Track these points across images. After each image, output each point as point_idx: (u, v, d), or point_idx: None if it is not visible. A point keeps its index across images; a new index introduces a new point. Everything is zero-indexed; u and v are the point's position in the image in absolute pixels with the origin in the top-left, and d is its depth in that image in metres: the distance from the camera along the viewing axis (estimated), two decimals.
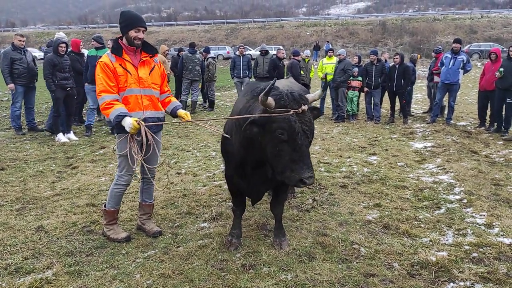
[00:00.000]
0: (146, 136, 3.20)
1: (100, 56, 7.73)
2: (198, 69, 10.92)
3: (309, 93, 3.11)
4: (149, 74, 3.44)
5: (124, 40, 3.34)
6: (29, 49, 8.48)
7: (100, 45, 8.03)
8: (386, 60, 9.94)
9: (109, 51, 3.37)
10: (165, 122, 3.63)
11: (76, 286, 2.90)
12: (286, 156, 2.77)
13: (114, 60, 3.28)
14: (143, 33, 3.33)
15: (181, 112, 3.56)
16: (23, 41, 7.94)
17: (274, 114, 2.76)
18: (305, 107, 2.83)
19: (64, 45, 7.38)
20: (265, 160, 2.99)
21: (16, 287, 2.86)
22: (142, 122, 3.21)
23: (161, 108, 3.60)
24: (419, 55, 10.69)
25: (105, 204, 3.62)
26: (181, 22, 62.42)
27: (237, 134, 3.15)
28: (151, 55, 3.47)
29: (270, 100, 2.76)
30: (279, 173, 2.84)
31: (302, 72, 10.29)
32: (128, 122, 3.14)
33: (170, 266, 3.19)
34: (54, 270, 3.09)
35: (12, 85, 7.73)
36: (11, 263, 3.19)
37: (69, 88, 7.42)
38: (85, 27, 60.70)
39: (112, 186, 3.53)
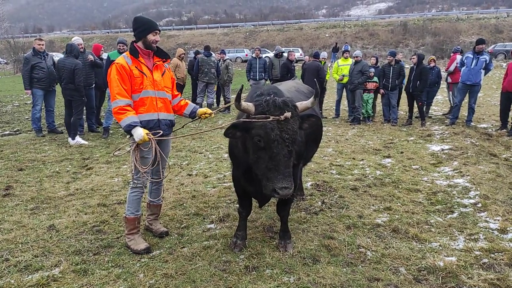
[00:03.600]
0: (156, 153, 3.28)
1: None
2: (214, 71, 11.02)
3: (314, 94, 3.04)
4: (162, 77, 3.53)
5: (140, 44, 3.41)
6: (54, 53, 8.75)
7: (125, 49, 8.22)
8: (399, 61, 9.76)
9: (125, 53, 3.45)
10: (172, 137, 3.71)
11: (81, 284, 2.97)
12: (263, 164, 2.75)
13: (131, 62, 3.36)
14: (159, 35, 3.46)
15: (201, 110, 3.65)
16: (43, 45, 8.19)
17: (253, 120, 2.73)
18: (287, 114, 2.73)
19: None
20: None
21: (24, 284, 2.94)
22: (153, 137, 3.27)
23: (172, 111, 3.66)
24: (430, 57, 10.39)
25: (125, 212, 3.59)
26: (200, 25, 63.06)
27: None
28: (164, 60, 3.56)
29: (250, 105, 2.77)
30: (259, 180, 2.84)
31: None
32: (139, 133, 3.20)
33: (174, 266, 3.22)
34: (61, 268, 3.17)
35: (29, 91, 8.02)
36: (21, 261, 3.28)
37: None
38: (108, 32, 62.15)
39: (129, 191, 3.55)
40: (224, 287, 2.95)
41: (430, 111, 10.75)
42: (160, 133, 3.36)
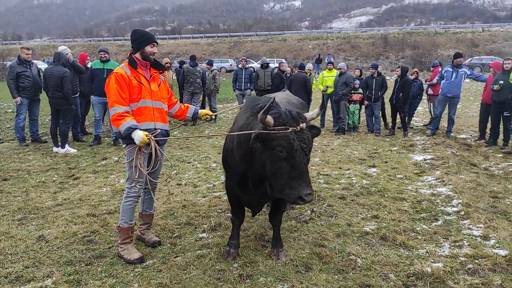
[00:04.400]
0: (156, 152, 3.33)
1: (107, 69, 7.91)
2: (199, 81, 11.06)
3: (307, 105, 3.17)
4: (158, 88, 3.60)
5: (138, 55, 3.48)
6: (34, 61, 8.63)
7: (107, 58, 8.18)
8: (380, 73, 10.10)
9: (123, 64, 3.50)
10: (171, 137, 3.74)
11: None
12: (285, 174, 2.79)
13: (129, 72, 3.41)
14: (156, 47, 3.53)
15: (202, 111, 3.81)
16: (29, 54, 8.11)
17: (273, 131, 2.80)
18: (303, 125, 2.86)
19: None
20: (264, 177, 3.01)
21: None
22: (153, 137, 3.32)
23: (167, 121, 3.72)
24: (415, 70, 10.79)
25: (119, 221, 3.59)
26: (185, 35, 63.21)
27: (238, 149, 3.22)
28: (160, 71, 3.64)
29: (269, 118, 2.82)
30: (278, 191, 2.86)
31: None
32: (138, 135, 3.25)
33: (168, 275, 3.23)
34: (54, 279, 3.14)
35: (18, 99, 7.90)
36: (12, 272, 3.24)
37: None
38: (90, 40, 61.55)
39: (123, 200, 3.56)
40: None
41: (411, 121, 11.06)
42: (158, 132, 3.45)
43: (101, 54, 8.17)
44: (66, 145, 7.67)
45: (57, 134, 7.62)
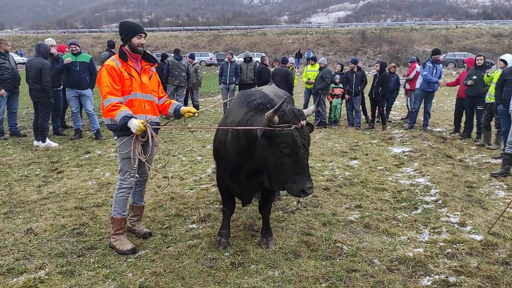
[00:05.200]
0: (152, 138, 3.37)
1: (80, 62, 7.79)
2: (184, 75, 11.03)
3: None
4: (149, 80, 3.61)
5: (127, 48, 3.48)
6: (10, 53, 8.37)
7: (78, 51, 8.02)
8: (360, 68, 10.37)
9: (114, 56, 3.50)
10: (165, 126, 3.78)
11: (70, 285, 2.98)
12: (288, 169, 2.91)
13: (120, 65, 3.42)
14: (144, 38, 3.51)
15: (184, 108, 3.71)
16: (7, 45, 7.87)
17: (278, 129, 2.88)
18: (303, 122, 2.98)
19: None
20: (265, 171, 3.10)
21: (10, 286, 2.91)
22: (148, 124, 3.36)
23: (158, 113, 3.75)
24: (391, 65, 11.11)
25: (112, 212, 3.62)
26: (163, 28, 62.28)
27: (233, 143, 3.29)
28: (151, 64, 3.65)
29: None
30: (279, 184, 2.99)
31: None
32: (135, 124, 3.27)
33: (161, 265, 3.30)
34: (46, 270, 3.15)
35: (3, 91, 7.68)
36: (3, 264, 3.23)
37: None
38: (64, 32, 59.77)
39: (115, 192, 3.57)
40: (213, 283, 3.07)
41: (389, 115, 11.38)
42: (152, 119, 3.49)
43: (72, 47, 8.00)
44: (47, 139, 7.54)
45: (38, 128, 7.46)
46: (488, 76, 7.96)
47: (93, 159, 6.74)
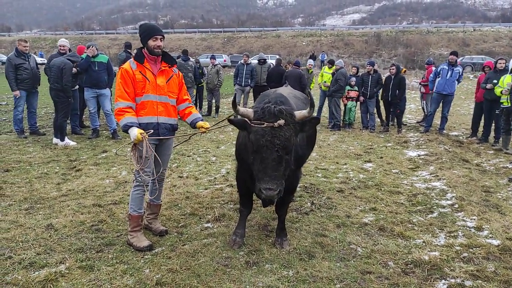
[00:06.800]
0: (147, 150, 3.41)
1: (98, 62, 7.95)
2: (191, 75, 11.11)
3: (310, 104, 3.20)
4: (166, 82, 3.63)
5: (146, 50, 3.55)
6: (31, 54, 8.61)
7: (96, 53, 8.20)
8: (377, 70, 10.32)
9: (131, 58, 3.59)
10: (175, 136, 3.85)
11: (89, 280, 3.05)
12: (256, 165, 2.99)
13: (135, 67, 3.49)
14: (161, 41, 3.55)
15: (200, 123, 3.76)
16: (27, 47, 8.11)
17: (252, 125, 2.98)
18: (281, 122, 2.90)
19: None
20: None
21: (32, 279, 3.00)
22: (147, 136, 3.40)
23: (175, 115, 3.78)
24: (403, 69, 11.03)
25: (129, 210, 3.69)
26: (178, 30, 62.89)
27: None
28: (170, 65, 3.68)
29: (249, 111, 3.06)
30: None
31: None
32: (133, 133, 3.36)
33: (178, 262, 3.35)
34: (66, 265, 3.23)
35: (17, 92, 7.91)
36: (25, 258, 3.32)
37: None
38: (81, 33, 60.91)
39: (132, 190, 3.65)
40: (228, 281, 3.11)
41: (404, 119, 11.28)
42: (151, 132, 3.49)
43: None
44: (66, 137, 7.71)
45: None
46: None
47: (110, 158, 6.86)
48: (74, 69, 7.57)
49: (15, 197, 4.82)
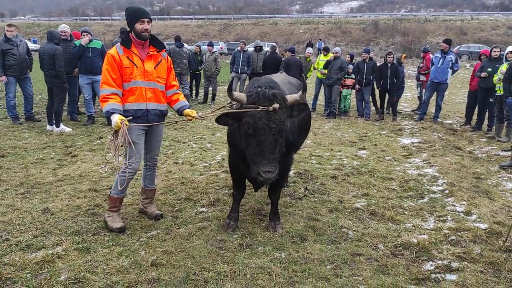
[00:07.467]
0: (124, 138, 3.35)
1: (92, 48, 7.89)
2: (186, 62, 11.07)
3: (303, 89, 3.26)
4: (155, 68, 3.58)
5: (133, 34, 3.49)
6: (24, 39, 8.53)
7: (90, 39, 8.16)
8: (372, 58, 10.35)
9: (118, 43, 3.55)
10: (165, 122, 3.83)
11: (86, 261, 3.12)
12: (251, 149, 3.02)
13: (122, 52, 3.45)
14: (148, 24, 3.45)
15: (187, 111, 3.74)
16: (11, 31, 7.92)
17: (244, 110, 3.01)
18: (276, 106, 2.95)
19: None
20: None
21: (29, 261, 3.06)
22: (126, 123, 3.35)
23: (164, 101, 3.75)
24: (403, 55, 11.05)
25: (110, 190, 3.74)
26: (174, 16, 62.17)
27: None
28: (158, 49, 3.62)
29: (242, 96, 3.07)
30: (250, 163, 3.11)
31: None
32: (114, 120, 3.33)
33: (172, 244, 3.43)
34: (63, 247, 3.30)
35: (3, 78, 7.84)
36: (22, 240, 3.38)
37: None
38: (76, 19, 60.03)
39: (119, 173, 3.66)
40: (222, 262, 3.19)
41: (399, 107, 11.34)
42: (130, 118, 3.45)
43: (84, 35, 8.14)
44: (61, 123, 7.71)
45: (52, 113, 7.62)
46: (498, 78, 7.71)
47: (105, 144, 6.88)
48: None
49: (11, 182, 4.86)
